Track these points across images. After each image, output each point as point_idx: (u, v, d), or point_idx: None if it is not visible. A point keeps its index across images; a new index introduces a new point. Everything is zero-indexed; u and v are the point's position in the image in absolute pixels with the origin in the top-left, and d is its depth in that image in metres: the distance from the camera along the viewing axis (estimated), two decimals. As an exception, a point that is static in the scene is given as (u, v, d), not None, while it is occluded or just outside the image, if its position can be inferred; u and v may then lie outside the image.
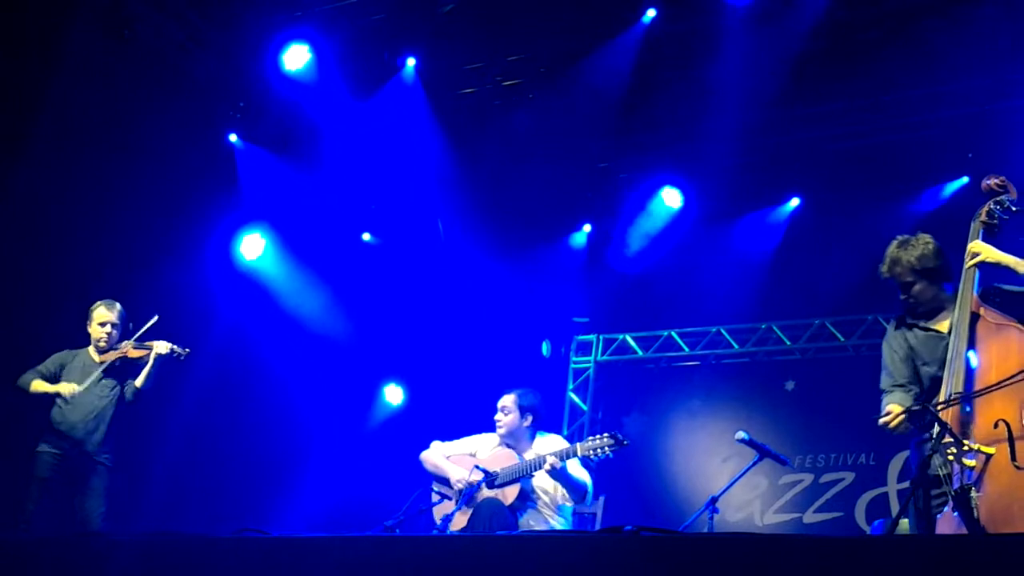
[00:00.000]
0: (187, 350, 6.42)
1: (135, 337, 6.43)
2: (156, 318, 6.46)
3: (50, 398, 6.27)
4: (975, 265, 4.24)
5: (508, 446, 5.94)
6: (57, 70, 6.77)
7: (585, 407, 9.49)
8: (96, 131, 7.27)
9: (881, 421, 4.25)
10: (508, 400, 5.99)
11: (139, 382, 6.36)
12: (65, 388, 6.21)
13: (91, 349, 6.45)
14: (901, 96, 7.75)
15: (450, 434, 6.25)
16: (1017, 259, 4.24)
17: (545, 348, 9.72)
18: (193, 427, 7.64)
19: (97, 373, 6.29)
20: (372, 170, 8.76)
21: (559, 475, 5.62)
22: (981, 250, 4.25)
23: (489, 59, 8.19)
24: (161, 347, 6.34)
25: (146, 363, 6.36)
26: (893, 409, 4.22)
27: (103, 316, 6.40)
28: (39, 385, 6.28)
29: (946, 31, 7.06)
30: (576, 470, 5.75)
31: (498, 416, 5.98)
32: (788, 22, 7.17)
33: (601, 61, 7.78)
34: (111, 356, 6.39)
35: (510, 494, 5.68)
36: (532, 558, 3.21)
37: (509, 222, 9.11)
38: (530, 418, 5.97)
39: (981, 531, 3.69)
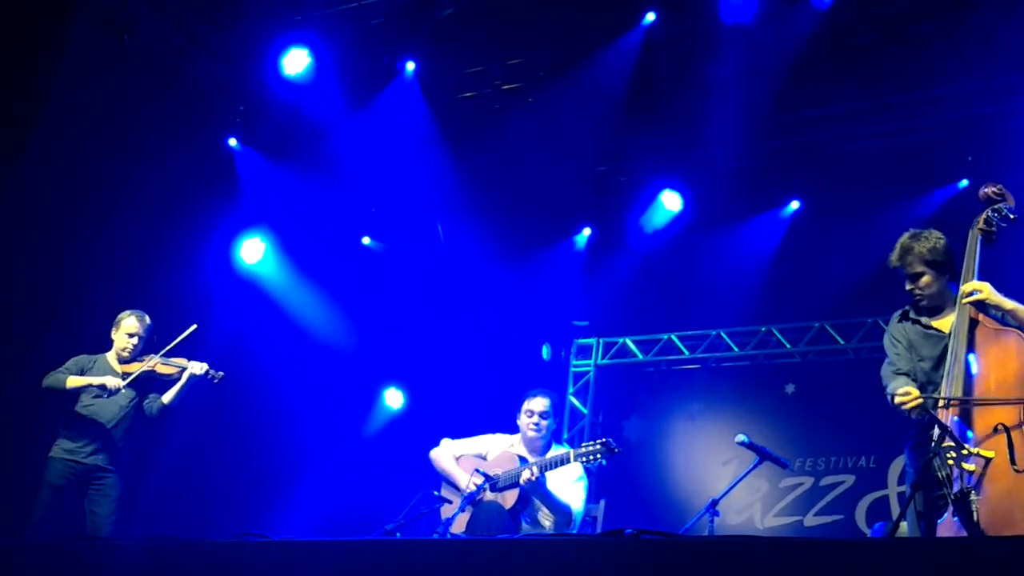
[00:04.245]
0: (222, 374, 6.29)
1: (163, 352, 6.34)
2: (195, 326, 6.37)
3: (66, 402, 6.18)
4: (972, 304, 4.14)
5: (521, 453, 5.89)
6: (57, 73, 6.76)
7: (585, 410, 9.48)
8: (96, 134, 7.26)
9: (899, 399, 4.14)
10: (547, 404, 5.93)
11: (167, 399, 6.31)
12: (110, 381, 6.10)
13: (111, 357, 6.36)
14: (901, 99, 7.76)
15: (451, 437, 6.24)
16: (1017, 304, 4.15)
17: (545, 352, 9.71)
18: (193, 430, 7.62)
19: (118, 380, 6.19)
20: (372, 174, 8.76)
21: (536, 489, 5.58)
22: (982, 290, 4.16)
23: (489, 63, 8.19)
24: (196, 368, 6.23)
25: (175, 380, 6.30)
26: (912, 391, 4.14)
27: (132, 327, 6.32)
28: (75, 380, 6.11)
29: (945, 34, 7.08)
30: (562, 491, 5.68)
31: (536, 420, 5.90)
32: (788, 25, 7.17)
33: (601, 64, 7.77)
34: (135, 368, 6.28)
35: (510, 498, 5.67)
36: (532, 561, 3.21)
37: (509, 225, 9.10)
38: (556, 420, 6.01)
39: (981, 534, 3.69)
